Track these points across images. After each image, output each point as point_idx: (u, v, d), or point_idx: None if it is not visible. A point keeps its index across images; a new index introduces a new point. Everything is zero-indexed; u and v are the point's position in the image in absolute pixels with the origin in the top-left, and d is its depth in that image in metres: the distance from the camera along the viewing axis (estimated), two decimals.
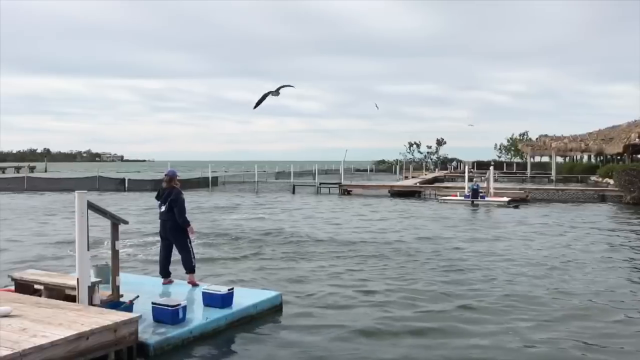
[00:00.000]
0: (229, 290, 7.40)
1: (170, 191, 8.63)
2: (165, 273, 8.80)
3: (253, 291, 8.37)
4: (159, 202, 8.72)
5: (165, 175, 8.86)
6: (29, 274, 7.57)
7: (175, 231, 8.61)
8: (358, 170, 75.67)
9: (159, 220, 8.86)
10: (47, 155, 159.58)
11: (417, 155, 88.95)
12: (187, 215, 8.70)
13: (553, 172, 53.50)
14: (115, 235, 6.97)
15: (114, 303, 6.70)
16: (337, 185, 37.11)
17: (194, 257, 8.75)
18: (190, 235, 8.74)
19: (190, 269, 8.65)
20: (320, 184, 38.89)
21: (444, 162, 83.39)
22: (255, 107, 14.55)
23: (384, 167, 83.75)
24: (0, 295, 6.76)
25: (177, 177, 8.96)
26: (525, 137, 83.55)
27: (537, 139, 63.65)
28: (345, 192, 35.56)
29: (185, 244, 8.65)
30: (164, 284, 8.70)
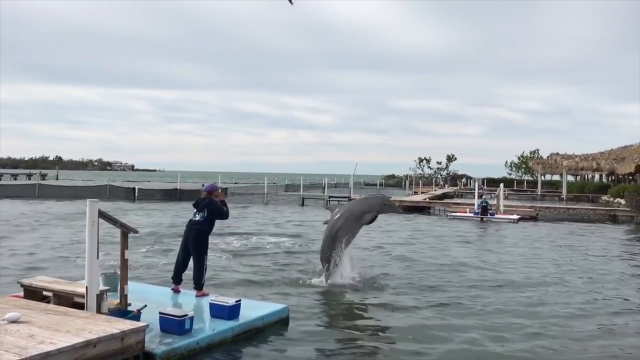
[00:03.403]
0: (236, 301, 7.40)
1: (209, 201, 8.76)
2: (177, 279, 8.82)
3: (260, 303, 8.36)
4: (195, 210, 8.82)
5: (204, 190, 9.00)
6: (38, 281, 7.60)
7: (197, 240, 8.65)
8: (368, 184, 75.68)
9: (186, 228, 8.94)
10: (58, 163, 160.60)
11: (427, 171, 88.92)
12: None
13: (564, 191, 53.17)
14: (124, 245, 7.00)
15: (122, 312, 6.71)
16: (346, 199, 37.07)
17: (205, 274, 8.75)
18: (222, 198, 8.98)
19: (198, 284, 8.64)
20: (330, 197, 38.90)
21: (454, 178, 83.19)
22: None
23: (393, 181, 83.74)
24: (9, 301, 6.80)
25: (219, 190, 9.12)
26: (536, 154, 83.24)
27: (548, 157, 63.46)
28: None
29: (201, 258, 8.66)
30: (172, 289, 8.75)
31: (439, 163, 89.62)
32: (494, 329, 7.89)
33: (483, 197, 30.10)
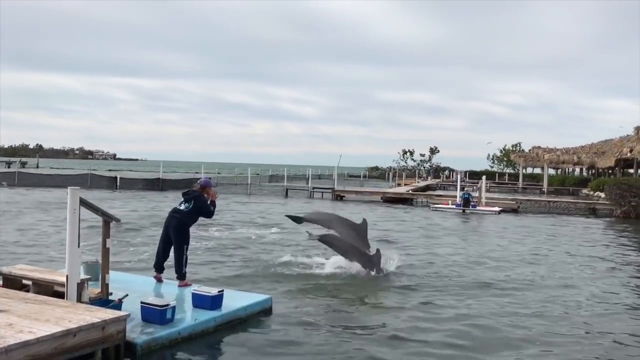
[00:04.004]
0: (218, 292, 7.37)
1: (199, 195, 8.70)
2: (159, 268, 8.78)
3: (243, 294, 8.34)
4: (183, 199, 8.76)
5: (198, 183, 8.99)
6: (18, 269, 7.49)
7: (177, 229, 8.59)
8: (352, 176, 75.71)
9: (168, 214, 8.89)
10: (39, 151, 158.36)
11: (410, 163, 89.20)
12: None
13: (545, 184, 53.73)
14: (106, 233, 6.93)
15: (103, 301, 6.65)
16: (330, 190, 37.10)
17: (186, 264, 8.70)
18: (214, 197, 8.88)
19: (180, 274, 8.60)
20: (314, 188, 38.87)
21: (437, 171, 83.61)
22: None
23: (377, 173, 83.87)
24: None
25: (210, 188, 8.98)
26: (518, 148, 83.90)
27: (530, 150, 63.90)
28: (338, 197, 35.57)
29: (181, 248, 8.61)
30: (155, 277, 8.72)
31: (422, 155, 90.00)
32: (482, 328, 7.93)
33: (465, 189, 30.27)
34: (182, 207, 8.67)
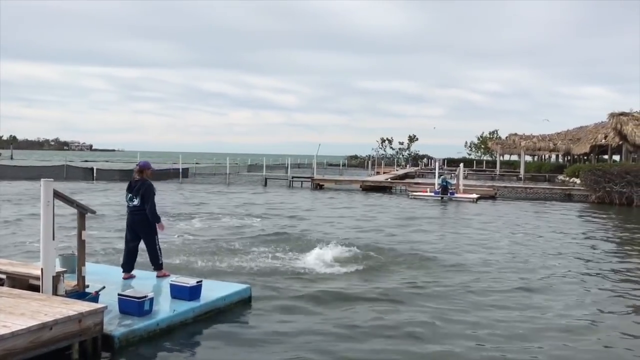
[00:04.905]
0: (197, 282, 7.34)
1: (142, 184, 8.42)
2: (127, 267, 8.56)
3: (222, 284, 8.32)
4: (130, 194, 8.45)
5: (136, 165, 8.70)
6: None
7: (144, 225, 8.43)
8: (331, 164, 75.82)
9: (127, 213, 8.67)
10: (13, 142, 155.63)
11: (389, 151, 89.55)
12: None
13: (521, 171, 54.30)
14: (82, 225, 6.85)
15: (80, 293, 6.58)
16: (309, 179, 37.11)
17: (161, 254, 8.61)
18: (159, 232, 8.58)
19: (157, 265, 8.53)
20: (293, 177, 38.84)
21: (415, 159, 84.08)
22: None
23: (356, 162, 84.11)
24: None
25: (150, 170, 8.66)
26: (495, 135, 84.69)
27: (506, 137, 64.51)
28: (318, 186, 35.58)
29: (153, 240, 8.50)
30: (124, 278, 8.44)
31: (401, 143, 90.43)
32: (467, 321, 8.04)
33: (442, 177, 30.51)
34: (136, 202, 8.37)
